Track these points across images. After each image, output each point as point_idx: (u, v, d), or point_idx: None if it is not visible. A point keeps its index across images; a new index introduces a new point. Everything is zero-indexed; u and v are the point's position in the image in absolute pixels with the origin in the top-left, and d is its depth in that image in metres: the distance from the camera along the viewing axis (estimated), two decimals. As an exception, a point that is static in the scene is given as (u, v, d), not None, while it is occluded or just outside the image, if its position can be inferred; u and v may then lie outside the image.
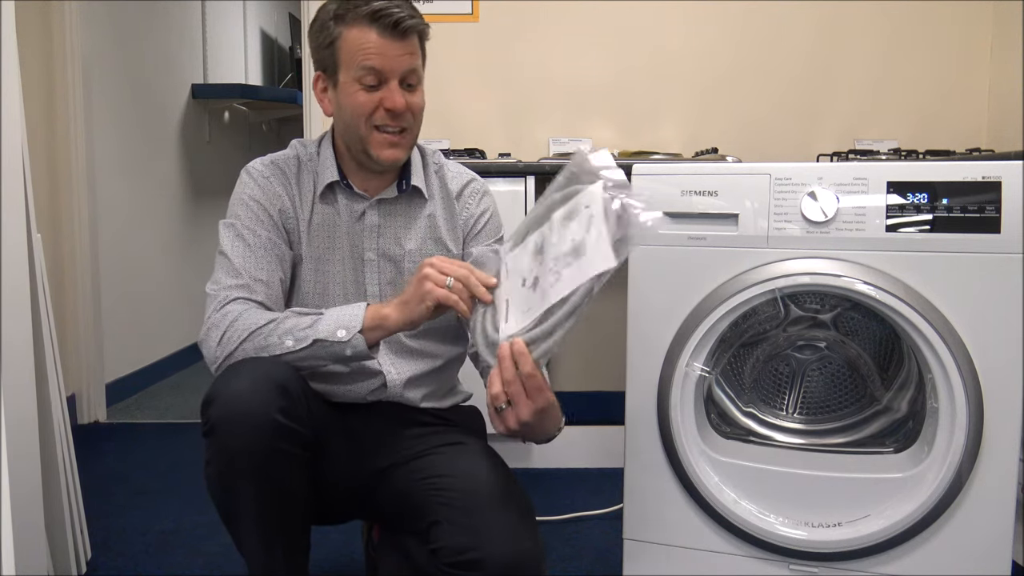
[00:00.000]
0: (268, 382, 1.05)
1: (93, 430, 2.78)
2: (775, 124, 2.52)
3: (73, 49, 2.72)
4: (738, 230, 1.30)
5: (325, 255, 1.27)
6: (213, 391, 1.06)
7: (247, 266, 1.19)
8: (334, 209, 1.28)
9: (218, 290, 1.17)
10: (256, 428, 1.02)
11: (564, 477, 2.24)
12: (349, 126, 1.23)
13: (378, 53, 1.17)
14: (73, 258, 2.77)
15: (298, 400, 1.08)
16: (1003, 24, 2.41)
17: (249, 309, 1.15)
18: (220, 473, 1.06)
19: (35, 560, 1.47)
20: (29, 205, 1.52)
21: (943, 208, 1.23)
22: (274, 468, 1.05)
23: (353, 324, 1.10)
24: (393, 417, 1.28)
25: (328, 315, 1.12)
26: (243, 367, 1.08)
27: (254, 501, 1.06)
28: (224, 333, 1.12)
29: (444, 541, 1.07)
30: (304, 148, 1.31)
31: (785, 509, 1.33)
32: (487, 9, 2.50)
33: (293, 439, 1.06)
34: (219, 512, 1.11)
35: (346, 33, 1.18)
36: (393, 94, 1.19)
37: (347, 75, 1.20)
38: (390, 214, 1.29)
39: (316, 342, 1.10)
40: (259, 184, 1.25)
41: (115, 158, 3.08)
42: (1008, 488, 1.25)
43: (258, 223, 1.22)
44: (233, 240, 1.21)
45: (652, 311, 1.35)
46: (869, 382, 1.47)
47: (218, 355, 1.12)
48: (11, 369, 1.38)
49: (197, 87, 3.79)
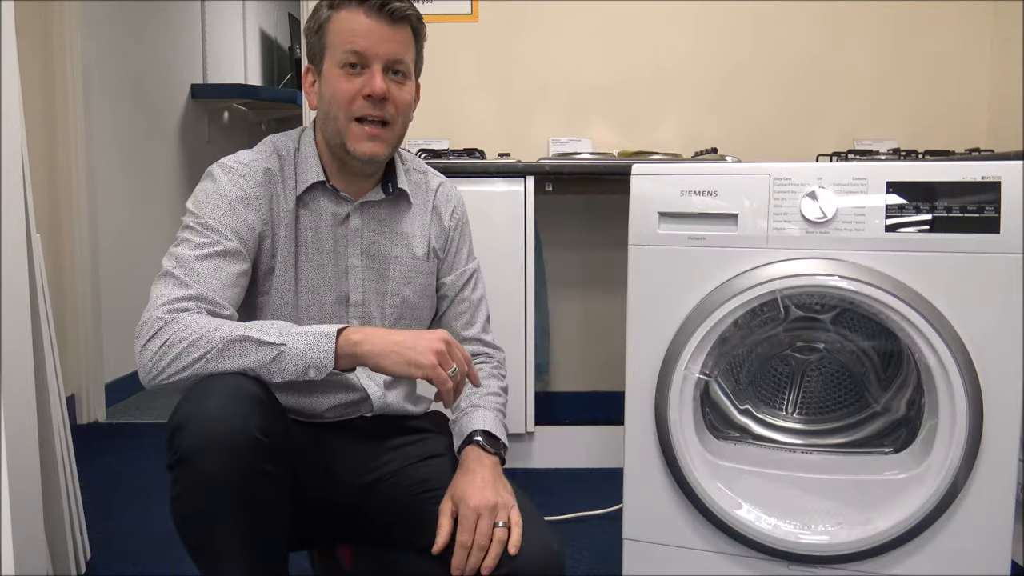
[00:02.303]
0: (244, 397, 0.96)
1: (93, 430, 2.78)
2: (775, 124, 2.52)
3: (73, 49, 2.71)
4: (737, 230, 1.30)
5: (304, 262, 1.19)
6: (181, 416, 0.95)
7: (202, 275, 1.07)
8: (316, 212, 1.20)
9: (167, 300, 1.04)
10: (235, 451, 0.92)
11: (564, 477, 2.24)
12: (328, 116, 1.16)
13: (364, 35, 1.12)
14: (73, 258, 2.77)
15: (275, 415, 0.99)
16: (1003, 24, 2.41)
17: (198, 320, 1.02)
18: (194, 509, 0.94)
19: (35, 560, 1.47)
20: (29, 205, 1.52)
21: (942, 208, 1.23)
22: (257, 493, 0.95)
23: (324, 363, 1.00)
24: (368, 430, 1.24)
25: (290, 350, 1.00)
26: (211, 385, 0.97)
27: (237, 534, 0.95)
28: (165, 344, 1.00)
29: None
30: (282, 144, 1.22)
31: (784, 510, 1.33)
32: (487, 9, 2.50)
33: (274, 458, 0.96)
34: (192, 551, 0.98)
35: (335, 16, 1.15)
36: (374, 77, 1.13)
37: (331, 60, 1.15)
38: (375, 218, 1.24)
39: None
40: (235, 183, 1.14)
41: (115, 158, 3.08)
42: (1008, 488, 1.25)
43: (225, 226, 1.11)
44: (192, 247, 1.09)
45: (651, 311, 1.35)
46: (868, 383, 1.47)
47: (154, 368, 1.00)
48: (11, 370, 1.38)
49: (197, 87, 3.79)
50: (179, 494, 0.94)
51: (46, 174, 2.66)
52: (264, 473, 0.95)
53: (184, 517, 0.96)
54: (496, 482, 1.11)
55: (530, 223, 2.15)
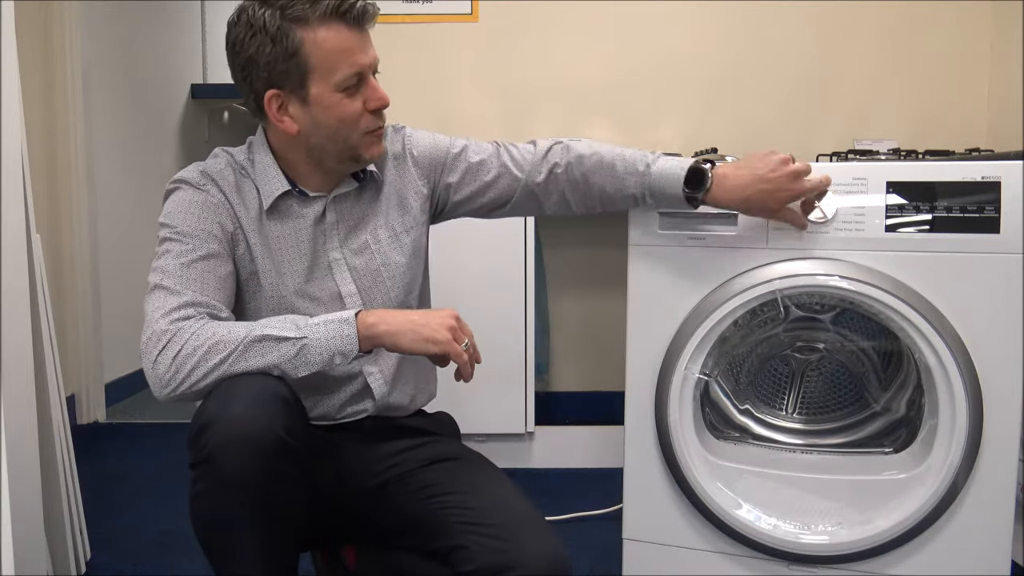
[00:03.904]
0: (270, 397, 0.96)
1: (93, 430, 2.78)
2: (775, 124, 2.51)
3: (73, 49, 2.71)
4: (737, 230, 1.30)
5: (289, 267, 1.16)
6: (208, 415, 0.95)
7: (192, 281, 1.06)
8: (289, 219, 1.17)
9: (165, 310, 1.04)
10: (260, 451, 0.93)
11: (564, 477, 2.24)
12: (333, 139, 1.11)
13: (357, 51, 1.08)
14: (73, 258, 2.76)
15: (299, 416, 1.01)
16: (1003, 24, 2.41)
17: (207, 326, 1.02)
18: (217, 508, 0.95)
19: (35, 560, 1.47)
20: (29, 205, 1.52)
21: (942, 208, 1.23)
22: (278, 493, 0.96)
23: (350, 348, 1.01)
24: (375, 432, 1.23)
25: (313, 341, 1.01)
26: (237, 385, 0.98)
27: (255, 534, 0.96)
28: (180, 354, 0.99)
29: (476, 563, 1.03)
30: (235, 157, 1.18)
31: (784, 510, 1.33)
32: (487, 9, 2.49)
33: (296, 458, 0.97)
34: (208, 549, 0.99)
35: (312, 38, 1.05)
36: (376, 90, 1.11)
37: (323, 85, 1.07)
38: (352, 208, 1.21)
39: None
40: (199, 190, 1.13)
41: (115, 158, 3.08)
42: (1008, 488, 1.25)
43: (202, 231, 1.10)
44: (176, 256, 1.08)
45: (651, 311, 1.35)
46: (868, 383, 1.47)
47: (173, 379, 0.99)
48: (11, 370, 1.38)
49: (196, 87, 3.79)
50: (200, 492, 0.96)
51: (46, 174, 2.66)
52: (285, 474, 0.96)
53: (204, 515, 0.97)
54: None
55: (530, 223, 2.15)
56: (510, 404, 2.20)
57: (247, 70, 1.09)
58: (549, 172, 1.26)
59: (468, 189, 1.27)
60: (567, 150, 1.26)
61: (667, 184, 1.22)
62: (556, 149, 1.27)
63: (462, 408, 1.44)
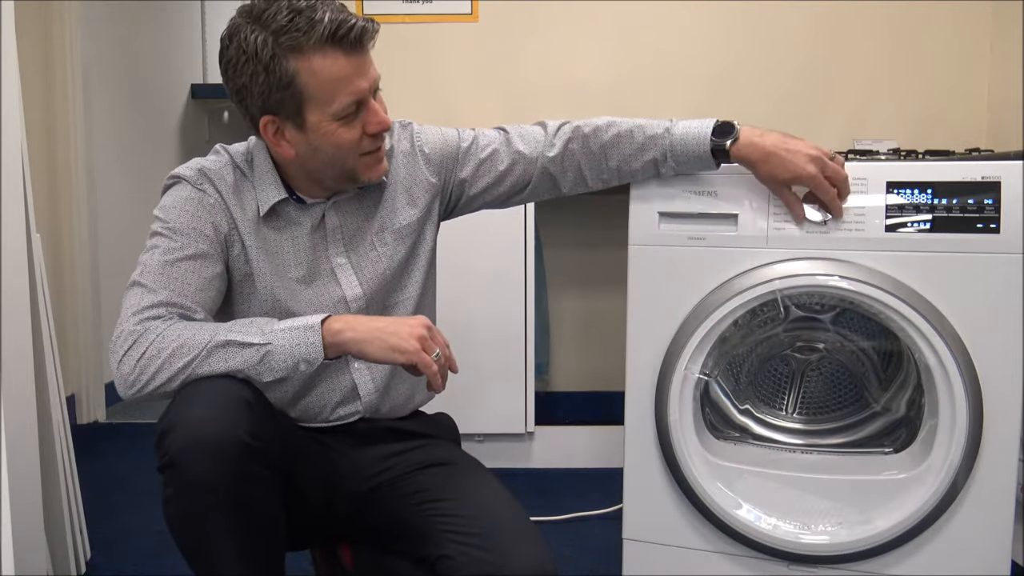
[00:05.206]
0: (232, 401, 0.96)
1: (93, 430, 2.78)
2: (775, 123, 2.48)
3: (72, 49, 2.71)
4: (737, 230, 1.30)
5: (281, 271, 1.15)
6: (170, 419, 0.95)
7: (172, 280, 1.05)
8: (287, 226, 1.16)
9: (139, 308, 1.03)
10: (222, 454, 0.92)
11: (564, 477, 2.24)
12: (331, 164, 1.10)
13: (356, 78, 1.04)
14: (73, 258, 2.76)
15: (264, 418, 0.99)
16: (1003, 24, 2.41)
17: (173, 328, 1.01)
18: (186, 512, 0.95)
19: (35, 560, 1.47)
20: (29, 205, 1.52)
21: (942, 208, 1.23)
22: (248, 495, 0.95)
23: (314, 355, 1.00)
24: (369, 434, 1.22)
25: (277, 348, 1.00)
26: (199, 388, 0.97)
27: (231, 536, 0.95)
28: (144, 356, 0.98)
29: (461, 573, 1.02)
30: (235, 157, 1.18)
31: (784, 510, 1.33)
32: (487, 9, 2.49)
33: (264, 460, 0.96)
34: (187, 555, 0.99)
35: (307, 68, 1.02)
36: (376, 114, 1.07)
37: (320, 113, 1.05)
38: (355, 211, 1.19)
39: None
40: (198, 188, 1.13)
41: (115, 158, 3.08)
42: (1008, 488, 1.25)
43: (194, 230, 1.09)
44: (163, 252, 1.07)
45: (651, 311, 1.35)
46: (868, 383, 1.47)
47: (136, 381, 0.99)
48: (11, 370, 1.38)
49: (196, 87, 3.79)
50: (170, 497, 0.95)
51: (46, 174, 2.66)
52: (254, 475, 0.95)
53: (176, 519, 0.97)
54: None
55: (530, 223, 2.15)
56: (510, 404, 2.20)
57: (241, 95, 1.09)
58: (564, 146, 1.26)
59: (483, 181, 1.27)
60: (582, 126, 1.27)
61: (691, 141, 1.23)
62: (566, 127, 1.28)
63: (462, 408, 1.44)
